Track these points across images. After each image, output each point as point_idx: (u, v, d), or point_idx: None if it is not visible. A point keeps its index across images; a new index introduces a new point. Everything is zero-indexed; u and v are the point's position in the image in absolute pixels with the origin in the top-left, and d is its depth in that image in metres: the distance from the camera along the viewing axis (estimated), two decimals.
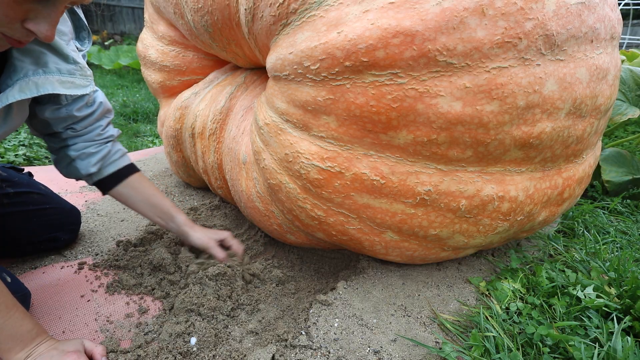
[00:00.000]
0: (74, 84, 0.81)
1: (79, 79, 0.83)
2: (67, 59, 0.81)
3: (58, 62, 0.80)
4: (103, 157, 0.99)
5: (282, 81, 0.80)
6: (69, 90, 0.80)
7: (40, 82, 0.76)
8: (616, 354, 0.71)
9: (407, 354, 0.77)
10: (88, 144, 0.98)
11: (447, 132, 0.71)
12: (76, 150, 0.97)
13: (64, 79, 0.80)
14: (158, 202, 1.06)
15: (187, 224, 1.08)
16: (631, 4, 5.03)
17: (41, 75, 0.76)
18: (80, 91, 0.82)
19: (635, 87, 1.56)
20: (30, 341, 0.71)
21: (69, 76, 0.81)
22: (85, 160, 0.97)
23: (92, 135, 0.98)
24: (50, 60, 0.78)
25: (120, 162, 1.03)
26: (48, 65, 0.78)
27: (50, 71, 0.78)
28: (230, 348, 0.80)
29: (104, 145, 1.00)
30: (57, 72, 0.79)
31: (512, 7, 0.65)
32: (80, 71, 0.83)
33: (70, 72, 0.81)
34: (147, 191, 1.05)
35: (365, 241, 0.89)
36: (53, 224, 1.10)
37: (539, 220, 0.91)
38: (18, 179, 1.09)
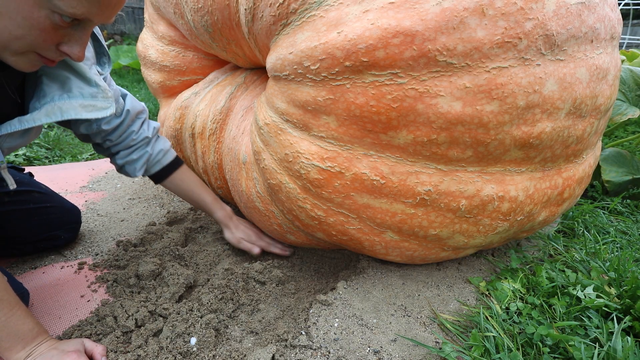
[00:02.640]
0: (95, 107, 0.85)
1: (101, 101, 0.86)
2: (89, 82, 0.85)
3: (81, 85, 0.84)
4: (146, 161, 1.09)
5: (282, 81, 0.80)
6: (91, 114, 0.84)
7: (65, 107, 0.80)
8: (616, 354, 0.71)
9: (407, 354, 0.77)
10: (129, 151, 1.06)
11: (447, 132, 0.71)
12: (121, 158, 1.06)
13: (86, 103, 0.83)
14: (199, 197, 1.16)
15: (224, 221, 1.17)
16: (631, 4, 5.03)
17: (66, 100, 0.81)
18: (101, 114, 0.86)
19: (635, 87, 1.56)
20: (31, 340, 0.71)
21: (91, 99, 0.85)
22: (132, 166, 1.08)
23: (129, 142, 1.05)
24: (74, 85, 0.83)
25: (163, 160, 1.11)
26: (72, 90, 0.82)
27: (73, 96, 0.82)
28: (230, 348, 0.80)
29: (144, 149, 1.08)
30: (80, 96, 0.83)
31: (512, 7, 0.65)
32: (102, 94, 0.87)
33: (93, 95, 0.85)
34: (189, 187, 1.15)
35: (365, 241, 0.89)
36: (53, 222, 1.11)
37: (539, 220, 0.91)
38: (19, 178, 1.09)
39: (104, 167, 1.94)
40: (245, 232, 1.17)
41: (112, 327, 0.84)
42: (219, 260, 1.14)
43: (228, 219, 1.17)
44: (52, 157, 2.25)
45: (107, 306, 0.90)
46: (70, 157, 2.28)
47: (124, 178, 1.78)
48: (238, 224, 1.18)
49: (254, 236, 1.17)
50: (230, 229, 1.17)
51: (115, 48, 5.55)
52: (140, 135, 1.06)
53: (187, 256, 1.13)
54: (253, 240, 1.16)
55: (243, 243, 1.15)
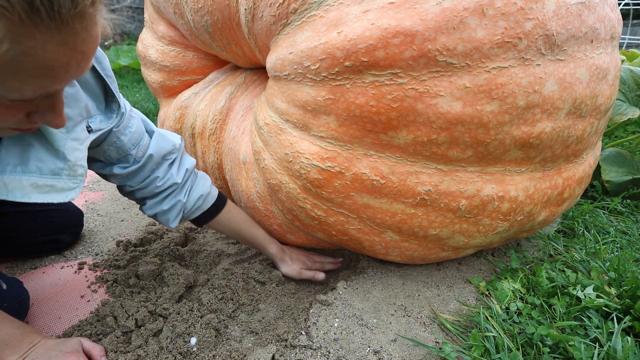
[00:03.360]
0: (53, 188, 0.68)
1: (63, 180, 0.69)
2: (56, 154, 0.68)
3: (43, 158, 0.67)
4: (179, 211, 0.95)
5: (282, 81, 0.80)
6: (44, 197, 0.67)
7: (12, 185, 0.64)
8: (616, 354, 0.71)
9: (407, 354, 0.77)
10: (157, 200, 0.93)
11: (447, 132, 0.71)
12: (150, 209, 0.93)
13: (40, 182, 0.66)
14: (249, 235, 1.05)
15: (279, 255, 1.07)
16: (631, 4, 5.03)
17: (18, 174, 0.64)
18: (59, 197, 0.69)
19: (635, 87, 1.56)
20: (18, 343, 0.68)
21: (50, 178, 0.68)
22: (164, 217, 0.94)
23: (152, 189, 0.91)
24: (33, 156, 0.66)
25: (203, 206, 0.99)
26: (29, 162, 0.66)
27: (28, 170, 0.65)
28: (230, 348, 0.80)
29: (175, 198, 0.93)
30: (37, 171, 0.66)
31: (512, 7, 0.65)
32: (68, 170, 0.70)
33: (54, 172, 0.68)
34: (237, 226, 1.04)
35: (365, 241, 0.89)
36: (56, 226, 1.10)
37: (539, 220, 0.91)
38: None
39: None
40: (300, 261, 1.10)
41: (112, 327, 0.84)
42: (219, 260, 1.14)
43: (282, 253, 1.09)
44: None
45: (107, 306, 0.90)
46: None
47: None
48: (291, 254, 1.11)
49: (308, 262, 1.11)
50: (287, 262, 1.08)
51: (115, 48, 5.56)
52: (166, 182, 0.91)
53: (187, 256, 1.13)
54: (309, 266, 1.10)
55: (304, 273, 1.07)
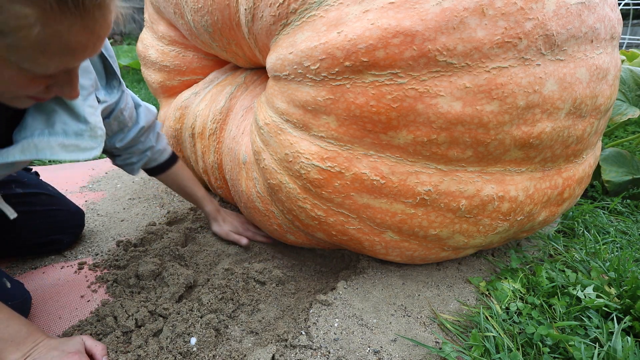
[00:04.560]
0: (78, 147, 0.77)
1: (86, 140, 0.78)
2: (78, 118, 0.77)
3: (67, 121, 0.75)
4: (145, 163, 1.12)
5: (282, 81, 0.80)
6: (70, 155, 0.76)
7: (41, 145, 0.72)
8: (616, 354, 0.71)
9: (407, 354, 0.77)
10: (130, 155, 1.08)
11: (447, 132, 0.71)
12: (121, 161, 1.08)
13: (67, 142, 0.75)
14: (191, 191, 1.21)
15: (212, 214, 1.24)
16: (631, 4, 5.03)
17: (45, 137, 0.73)
18: (83, 155, 0.77)
19: (635, 87, 1.56)
20: (23, 341, 0.70)
21: (75, 138, 0.76)
22: (130, 167, 1.10)
23: (133, 149, 1.07)
24: (59, 119, 0.75)
25: (159, 159, 1.14)
26: (55, 126, 0.74)
27: (55, 132, 0.74)
28: (230, 348, 0.80)
29: (145, 154, 1.10)
30: (63, 133, 0.75)
31: (512, 7, 0.65)
32: (89, 132, 0.78)
33: (78, 133, 0.77)
34: (182, 182, 1.20)
35: (365, 241, 0.89)
36: (57, 226, 1.10)
37: (539, 220, 0.91)
38: (27, 180, 1.09)
39: (104, 167, 1.94)
40: (232, 224, 1.24)
41: (112, 327, 0.84)
42: (219, 260, 1.14)
43: (216, 212, 1.24)
44: None
45: (107, 306, 0.90)
46: None
47: (124, 178, 1.78)
48: (225, 216, 1.26)
49: (240, 227, 1.24)
50: (218, 222, 1.24)
51: (115, 48, 5.55)
52: (146, 144, 1.08)
53: (187, 256, 1.13)
54: (240, 232, 1.23)
55: (231, 235, 1.22)
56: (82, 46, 0.53)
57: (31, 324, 0.73)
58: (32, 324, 0.74)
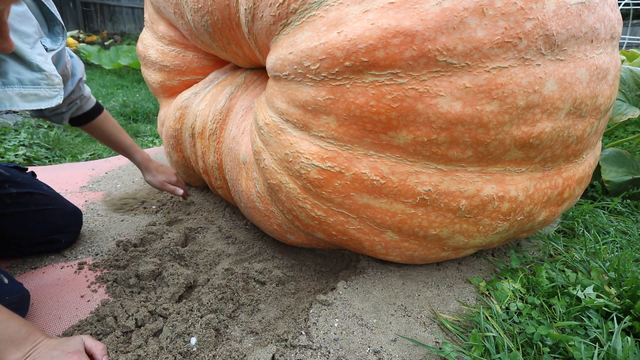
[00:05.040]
0: (37, 97, 0.74)
1: (45, 89, 0.75)
2: (31, 67, 0.73)
3: (20, 71, 0.72)
4: (73, 112, 1.10)
5: (282, 81, 0.80)
6: (31, 105, 0.73)
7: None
8: (616, 354, 0.71)
9: (407, 354, 0.77)
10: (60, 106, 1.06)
11: (447, 132, 0.71)
12: (50, 111, 1.06)
13: (25, 92, 0.72)
14: (117, 139, 1.21)
15: (144, 164, 1.26)
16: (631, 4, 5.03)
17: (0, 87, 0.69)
18: (45, 104, 0.75)
19: (635, 87, 1.56)
20: (23, 341, 0.70)
21: (32, 87, 0.73)
22: (58, 117, 1.09)
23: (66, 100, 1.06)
24: (11, 69, 0.70)
25: (85, 107, 1.13)
26: (8, 75, 0.70)
27: (9, 82, 0.70)
28: (230, 348, 0.80)
29: (72, 103, 1.09)
30: (19, 83, 0.71)
31: (512, 7, 0.65)
32: (46, 80, 0.75)
33: (34, 82, 0.74)
34: (108, 130, 1.19)
35: (365, 241, 0.89)
36: (54, 226, 1.10)
37: (539, 220, 0.91)
38: (21, 179, 1.08)
39: (104, 167, 1.94)
40: (165, 173, 1.27)
41: (112, 327, 0.84)
42: (219, 260, 1.14)
43: (148, 162, 1.26)
44: (52, 157, 2.25)
45: (107, 306, 0.90)
46: (70, 157, 2.28)
47: (124, 178, 1.78)
48: (157, 167, 1.28)
49: (172, 176, 1.28)
50: (151, 172, 1.26)
51: (115, 48, 5.56)
52: (77, 94, 1.08)
53: (187, 256, 1.13)
54: (172, 181, 1.27)
55: (166, 185, 1.25)
56: None
57: (31, 324, 0.73)
58: (32, 324, 0.74)
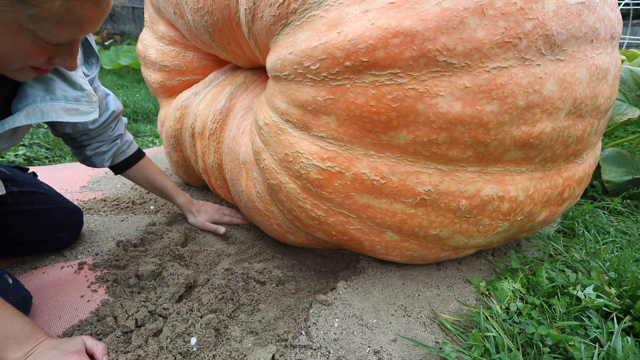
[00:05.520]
0: (78, 111, 0.85)
1: (84, 105, 0.86)
2: (74, 86, 0.84)
3: (65, 88, 0.83)
4: (114, 153, 1.14)
5: (282, 81, 0.80)
6: (73, 118, 0.84)
7: (46, 109, 0.79)
8: (616, 354, 0.71)
9: (407, 354, 0.77)
10: (101, 144, 1.11)
11: (447, 132, 0.71)
12: (91, 150, 1.11)
13: (68, 107, 0.83)
14: (160, 184, 1.25)
15: (185, 206, 1.30)
16: (631, 4, 5.04)
17: (48, 102, 0.80)
18: (84, 118, 0.86)
19: (635, 87, 1.56)
20: (26, 339, 0.71)
21: (75, 103, 0.84)
22: (100, 157, 1.13)
23: (104, 137, 1.11)
24: (58, 87, 0.82)
25: (128, 151, 1.18)
26: (55, 92, 0.81)
27: (56, 98, 0.81)
28: (230, 348, 0.80)
29: (114, 142, 1.14)
30: (64, 99, 0.82)
31: (512, 7, 0.65)
32: (86, 98, 0.86)
33: (77, 98, 0.85)
34: (150, 175, 1.23)
35: (365, 241, 0.89)
36: (55, 224, 1.10)
37: (539, 220, 0.91)
38: (22, 179, 1.09)
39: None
40: (207, 213, 1.29)
41: (112, 327, 0.84)
42: (219, 260, 1.14)
43: (190, 204, 1.30)
44: (52, 157, 2.25)
45: (107, 306, 0.90)
46: (70, 157, 2.28)
47: (124, 178, 1.78)
48: (199, 207, 1.30)
49: (216, 215, 1.30)
50: (193, 213, 1.29)
51: (115, 48, 5.56)
52: (115, 132, 1.13)
53: (187, 256, 1.13)
54: (216, 220, 1.29)
55: (207, 225, 1.26)
56: (90, 20, 0.62)
57: (34, 323, 0.74)
58: (35, 323, 0.74)
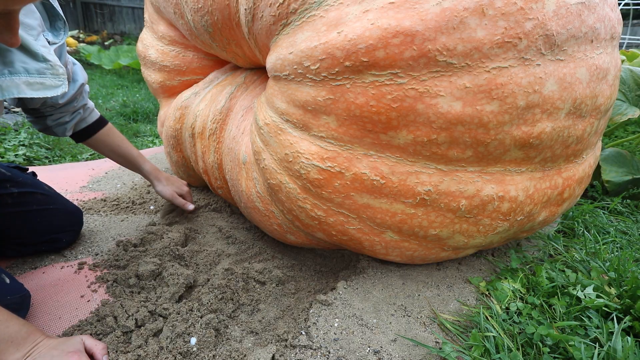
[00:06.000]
0: (43, 85, 0.76)
1: (50, 78, 0.77)
2: (36, 57, 0.75)
3: (26, 60, 0.74)
4: (76, 123, 1.09)
5: (282, 81, 0.80)
6: (38, 93, 0.75)
7: (5, 84, 0.71)
8: (616, 354, 0.71)
9: (407, 354, 0.77)
10: (63, 114, 1.06)
11: (447, 132, 0.71)
12: (53, 120, 1.05)
13: (32, 80, 0.74)
14: (124, 152, 1.19)
15: (153, 173, 1.24)
16: (631, 4, 5.03)
17: (7, 76, 0.71)
18: (51, 93, 0.77)
19: (635, 87, 1.56)
20: (23, 341, 0.70)
21: (38, 76, 0.75)
22: (62, 127, 1.07)
23: (68, 107, 1.06)
24: (17, 59, 0.73)
25: (89, 119, 1.12)
26: (14, 64, 0.72)
27: (16, 72, 0.72)
28: (230, 348, 0.80)
29: (77, 112, 1.08)
30: (25, 72, 0.73)
31: (512, 7, 0.65)
32: (51, 70, 0.77)
33: (40, 71, 0.76)
34: (114, 142, 1.17)
35: (365, 241, 0.89)
36: (55, 225, 1.10)
37: (539, 220, 0.91)
38: (22, 179, 1.09)
39: (104, 167, 1.94)
40: (175, 185, 1.26)
41: (112, 327, 0.84)
42: (219, 260, 1.14)
43: (157, 171, 1.25)
44: (52, 157, 2.25)
45: (107, 306, 0.90)
46: (70, 157, 2.28)
47: (124, 178, 1.78)
48: (167, 176, 1.26)
49: (183, 187, 1.27)
50: (162, 182, 1.24)
51: (115, 48, 5.56)
52: (80, 102, 1.08)
53: (187, 256, 1.13)
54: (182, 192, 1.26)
55: (177, 199, 1.23)
56: None
57: (30, 325, 0.73)
58: (31, 325, 0.74)
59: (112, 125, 1.18)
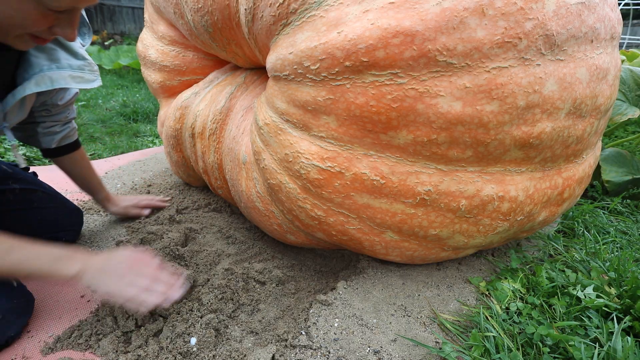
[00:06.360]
0: (83, 79, 0.89)
1: (88, 74, 0.90)
2: (76, 55, 0.88)
3: (69, 58, 0.87)
4: (64, 137, 1.11)
5: (282, 81, 0.80)
6: (79, 85, 0.88)
7: (55, 77, 0.83)
8: (616, 354, 0.71)
9: (407, 354, 0.77)
10: (55, 124, 1.08)
11: (447, 132, 0.71)
12: (44, 128, 1.07)
13: (74, 74, 0.87)
14: (89, 177, 1.22)
15: (107, 197, 1.28)
16: (631, 4, 5.04)
17: (55, 70, 0.84)
18: (89, 85, 0.90)
19: (635, 87, 1.56)
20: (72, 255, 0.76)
21: (79, 71, 0.88)
22: (50, 137, 1.09)
23: (61, 116, 1.09)
24: (62, 56, 0.85)
25: (72, 137, 1.15)
26: (60, 61, 0.85)
27: (62, 67, 0.85)
28: (230, 348, 0.80)
29: (68, 125, 1.12)
30: (69, 67, 0.86)
31: (512, 7, 0.65)
32: (89, 67, 0.91)
33: (80, 67, 0.89)
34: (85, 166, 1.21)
35: (365, 241, 0.89)
36: (55, 223, 1.11)
37: (539, 220, 0.91)
38: (24, 177, 1.09)
39: (104, 167, 1.94)
40: (129, 201, 1.30)
41: (112, 327, 0.84)
42: (219, 260, 1.14)
43: (110, 197, 1.30)
44: None
45: (107, 306, 0.90)
46: None
47: (124, 178, 1.78)
48: (121, 197, 1.32)
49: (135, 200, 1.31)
50: (114, 203, 1.29)
51: (115, 48, 5.56)
52: (71, 114, 1.12)
53: (187, 256, 1.13)
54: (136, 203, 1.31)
55: (130, 210, 1.28)
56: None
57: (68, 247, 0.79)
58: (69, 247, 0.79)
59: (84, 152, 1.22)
